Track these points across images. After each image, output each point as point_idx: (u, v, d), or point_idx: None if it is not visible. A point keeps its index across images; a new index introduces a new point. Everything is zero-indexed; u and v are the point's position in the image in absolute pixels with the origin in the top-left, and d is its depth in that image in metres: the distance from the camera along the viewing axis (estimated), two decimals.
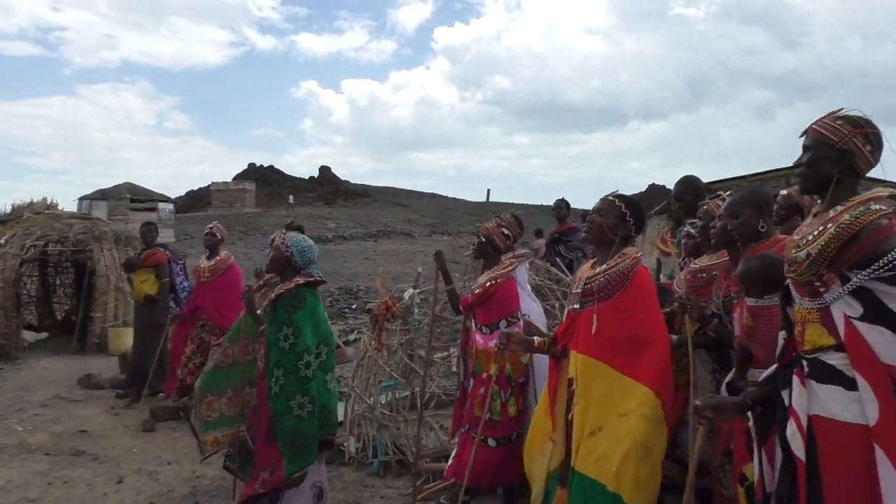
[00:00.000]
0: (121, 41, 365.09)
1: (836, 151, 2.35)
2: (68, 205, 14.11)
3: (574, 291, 3.37)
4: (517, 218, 4.76)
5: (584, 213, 10.17)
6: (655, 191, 59.30)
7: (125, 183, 41.70)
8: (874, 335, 2.16)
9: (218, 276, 7.01)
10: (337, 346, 4.27)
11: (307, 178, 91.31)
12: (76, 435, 6.81)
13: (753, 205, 3.16)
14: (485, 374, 4.21)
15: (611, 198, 3.34)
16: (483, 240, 4.58)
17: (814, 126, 2.42)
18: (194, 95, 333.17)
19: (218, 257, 7.14)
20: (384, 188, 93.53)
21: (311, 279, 3.96)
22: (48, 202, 12.19)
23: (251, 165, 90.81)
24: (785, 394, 2.46)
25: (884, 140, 2.37)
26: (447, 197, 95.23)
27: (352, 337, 11.73)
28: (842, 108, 2.40)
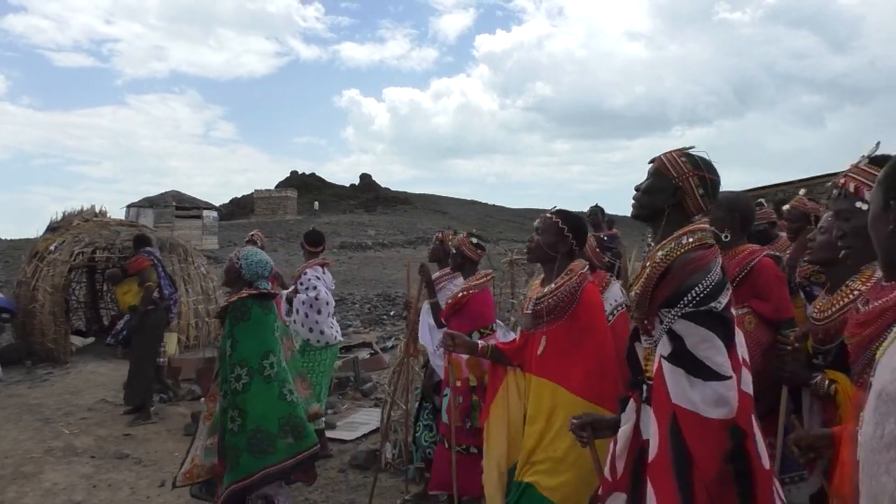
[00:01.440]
0: (170, 52, 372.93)
1: (672, 186, 2.35)
2: (117, 212, 14.35)
3: (525, 312, 3.36)
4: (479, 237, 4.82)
5: (610, 220, 10.05)
6: None
7: (171, 191, 42.51)
8: (671, 375, 2.15)
9: None
10: (374, 352, 4.32)
11: (348, 185, 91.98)
12: (120, 438, 6.95)
13: (723, 206, 3.04)
14: (458, 383, 4.17)
15: (548, 215, 3.32)
16: (453, 251, 4.63)
17: (660, 156, 2.42)
18: (240, 105, 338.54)
19: None
20: (424, 195, 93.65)
21: (258, 291, 4.02)
22: (97, 210, 12.46)
23: (294, 173, 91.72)
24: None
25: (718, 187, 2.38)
26: (487, 204, 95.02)
27: (389, 343, 11.76)
28: (693, 147, 2.41)
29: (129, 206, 37.95)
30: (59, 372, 10.16)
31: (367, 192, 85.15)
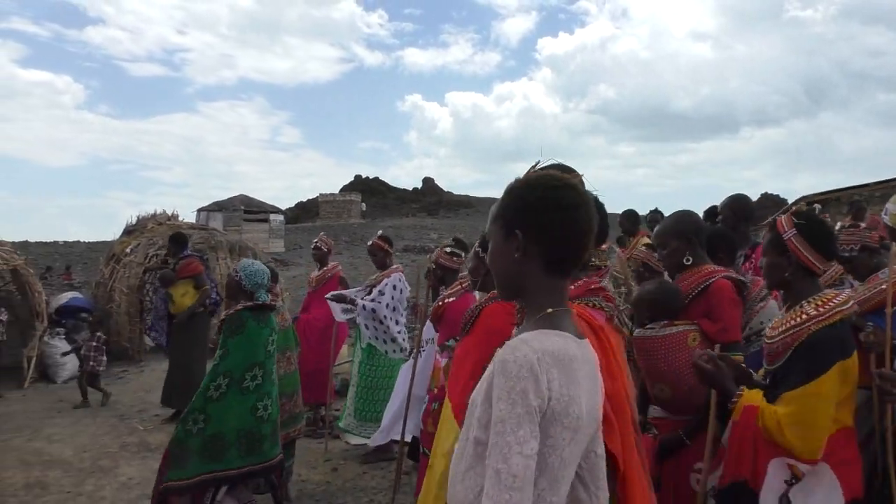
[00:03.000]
0: (238, 60, 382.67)
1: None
2: (187, 216, 14.76)
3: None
4: (458, 240, 4.82)
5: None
6: (769, 201, 56.76)
7: (239, 195, 43.59)
8: None
9: (323, 286, 7.21)
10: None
11: (411, 189, 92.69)
12: None
13: (679, 235, 3.04)
14: (436, 389, 4.09)
15: (476, 248, 3.49)
16: (433, 266, 4.67)
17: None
18: (305, 110, 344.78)
19: (325, 268, 7.36)
20: (486, 199, 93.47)
21: (255, 304, 4.08)
22: (169, 213, 12.86)
23: (358, 177, 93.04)
24: None
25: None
26: None
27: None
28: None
29: (199, 210, 39.08)
30: (133, 370, 10.54)
31: (430, 196, 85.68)
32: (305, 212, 75.95)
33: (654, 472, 2.77)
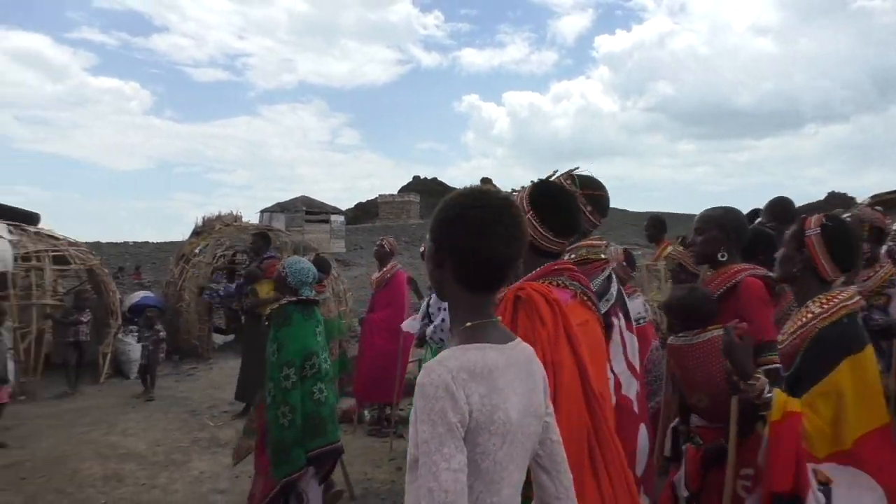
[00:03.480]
0: (298, 64, 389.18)
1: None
2: (251, 217, 15.11)
3: None
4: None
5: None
6: (836, 199, 54.84)
7: (301, 196, 44.32)
8: None
9: (385, 287, 7.27)
10: None
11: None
12: None
13: (721, 227, 2.96)
14: None
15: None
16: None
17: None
18: (364, 112, 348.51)
19: (385, 268, 7.42)
20: None
21: (299, 298, 4.26)
22: (235, 214, 13.16)
23: (416, 178, 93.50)
24: None
25: (608, 203, 2.69)
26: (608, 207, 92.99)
27: None
28: (577, 168, 2.69)
29: (262, 212, 39.89)
30: (202, 367, 10.82)
31: None
32: (364, 213, 76.73)
33: (698, 483, 2.79)
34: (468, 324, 1.59)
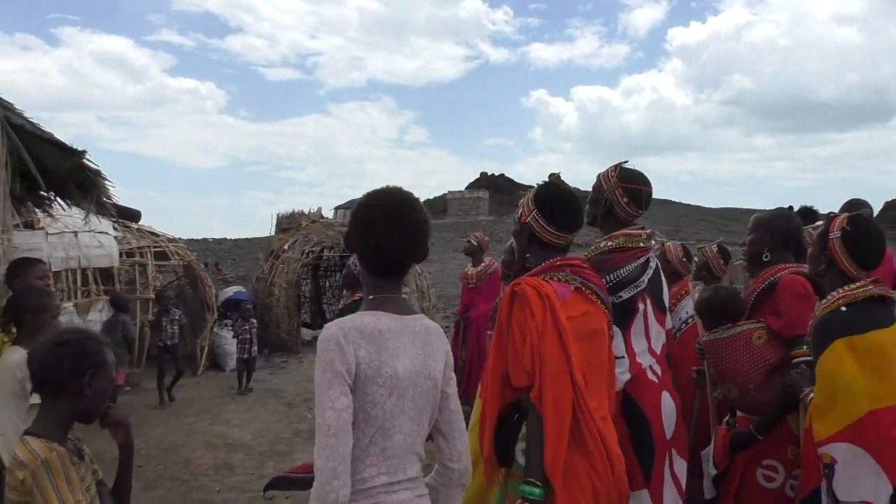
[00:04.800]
0: (367, 62, 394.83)
1: (602, 197, 2.89)
2: (326, 214, 15.41)
3: None
4: None
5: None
6: None
7: None
8: None
9: (485, 282, 7.29)
10: None
11: (536, 185, 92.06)
12: None
13: (766, 229, 3.12)
14: None
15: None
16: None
17: (601, 172, 2.96)
18: (432, 109, 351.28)
19: (483, 264, 7.44)
20: None
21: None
22: (312, 211, 13.42)
23: (483, 174, 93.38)
24: None
25: (648, 197, 2.87)
26: (680, 203, 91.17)
27: None
28: (626, 161, 2.92)
29: (336, 208, 40.47)
30: (293, 360, 11.08)
31: None
32: (432, 209, 75.82)
33: (724, 462, 2.98)
34: (370, 297, 1.93)
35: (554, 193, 2.59)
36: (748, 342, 2.93)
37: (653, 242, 2.95)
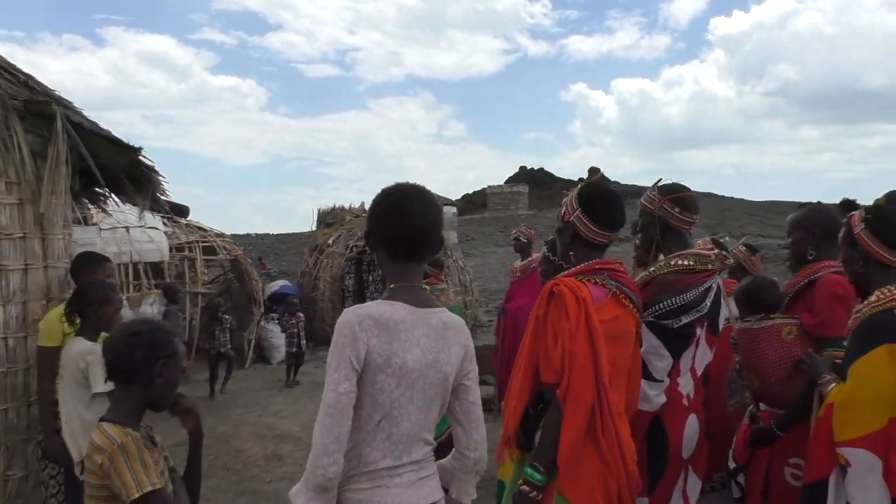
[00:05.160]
0: (405, 57, 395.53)
1: (653, 217, 2.86)
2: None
3: None
4: None
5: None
6: None
7: None
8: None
9: (529, 275, 7.27)
10: None
11: (577, 179, 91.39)
12: None
13: (804, 228, 3.09)
14: None
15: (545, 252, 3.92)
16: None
17: (640, 200, 2.96)
18: (470, 104, 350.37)
19: (529, 258, 7.42)
20: None
21: None
22: (364, 206, 13.51)
23: (522, 168, 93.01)
24: None
25: (694, 201, 2.91)
26: (724, 196, 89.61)
27: None
28: (661, 179, 2.94)
29: None
30: None
31: None
32: (471, 204, 76.95)
33: (745, 457, 2.98)
34: (391, 286, 2.00)
35: (597, 192, 2.63)
36: (778, 336, 2.92)
37: (719, 265, 2.93)
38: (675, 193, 2.86)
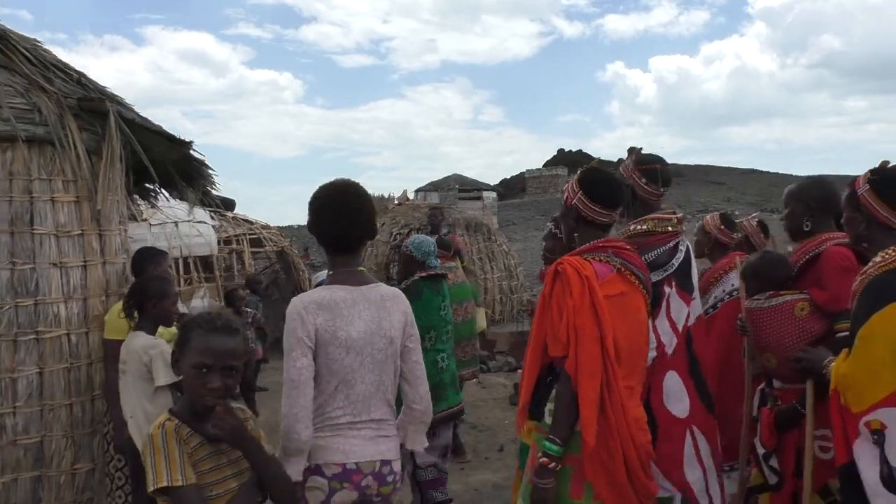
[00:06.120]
0: (440, 44, 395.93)
1: (626, 185, 2.98)
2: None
3: None
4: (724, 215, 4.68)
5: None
6: None
7: (454, 174, 44.94)
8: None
9: None
10: None
11: (615, 160, 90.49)
12: None
13: (799, 200, 3.08)
14: None
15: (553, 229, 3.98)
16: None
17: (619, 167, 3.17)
18: (506, 88, 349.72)
19: None
20: (696, 166, 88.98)
21: (429, 273, 4.40)
22: (406, 194, 13.55)
23: (560, 151, 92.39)
24: None
25: (665, 174, 3.06)
26: (767, 172, 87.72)
27: None
28: (641, 148, 3.15)
29: (417, 191, 40.75)
30: None
31: None
32: (509, 188, 76.67)
33: (773, 442, 2.97)
34: (331, 273, 2.46)
35: (595, 175, 2.78)
36: (790, 313, 2.90)
37: (683, 227, 3.10)
38: (645, 164, 3.07)
